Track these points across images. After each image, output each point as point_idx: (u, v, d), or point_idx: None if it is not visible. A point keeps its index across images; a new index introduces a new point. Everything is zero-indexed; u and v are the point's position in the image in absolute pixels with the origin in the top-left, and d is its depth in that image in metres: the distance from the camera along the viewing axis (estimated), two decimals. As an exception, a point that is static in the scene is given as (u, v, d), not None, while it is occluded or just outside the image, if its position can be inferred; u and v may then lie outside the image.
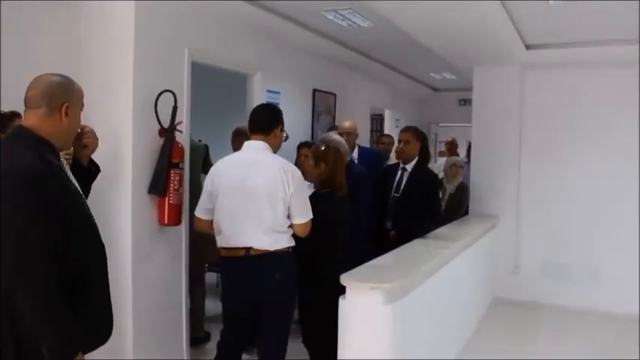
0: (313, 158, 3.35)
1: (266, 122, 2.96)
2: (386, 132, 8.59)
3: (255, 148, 2.92)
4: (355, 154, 4.60)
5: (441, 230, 4.55)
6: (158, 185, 3.57)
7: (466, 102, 9.09)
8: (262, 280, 2.81)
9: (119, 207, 3.51)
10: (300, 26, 4.94)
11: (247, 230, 2.80)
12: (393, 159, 5.56)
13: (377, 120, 9.26)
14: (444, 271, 3.60)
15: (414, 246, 3.71)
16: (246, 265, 2.82)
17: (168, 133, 3.60)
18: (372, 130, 8.56)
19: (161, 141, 3.56)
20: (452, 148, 7.79)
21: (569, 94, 5.61)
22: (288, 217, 2.86)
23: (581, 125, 5.54)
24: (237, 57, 4.47)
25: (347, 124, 4.83)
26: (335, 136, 3.96)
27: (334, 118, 6.22)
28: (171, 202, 3.55)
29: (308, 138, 5.42)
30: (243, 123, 3.86)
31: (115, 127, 3.50)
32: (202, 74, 5.95)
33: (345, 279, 2.71)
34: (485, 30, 4.46)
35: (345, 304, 2.72)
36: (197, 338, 4.28)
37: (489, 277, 5.54)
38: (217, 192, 2.87)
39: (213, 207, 2.89)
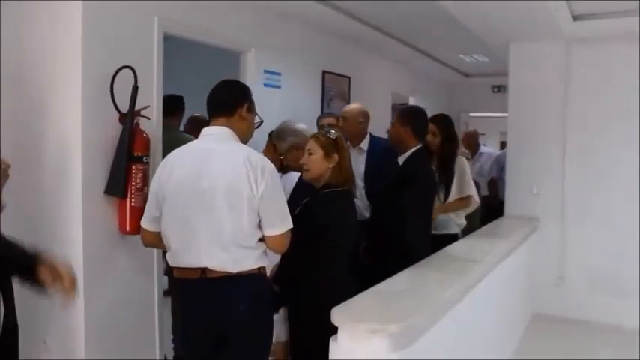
0: (322, 149, 2.59)
1: (227, 101, 2.24)
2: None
3: (213, 135, 2.20)
4: (365, 145, 3.81)
5: (472, 237, 3.80)
6: (116, 184, 2.90)
7: (500, 88, 8.34)
8: (222, 311, 2.12)
9: (67, 212, 2.86)
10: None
11: (201, 245, 2.09)
12: None
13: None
14: (474, 293, 2.83)
15: (435, 260, 2.95)
16: (201, 291, 2.12)
17: (127, 119, 2.91)
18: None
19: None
20: (466, 140, 6.68)
21: (623, 74, 4.71)
22: (260, 226, 2.15)
23: (637, 111, 4.66)
24: (224, 30, 3.74)
25: (349, 106, 4.02)
26: (298, 125, 3.30)
27: (349, 102, 5.46)
28: (133, 204, 2.88)
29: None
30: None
31: (62, 112, 2.86)
32: (191, 51, 5.27)
33: (336, 316, 1.97)
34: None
35: (336, 351, 1.98)
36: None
37: (528, 290, 4.74)
38: (164, 194, 2.16)
39: (161, 214, 2.19)
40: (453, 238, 3.59)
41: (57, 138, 2.89)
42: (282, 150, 3.24)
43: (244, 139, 2.27)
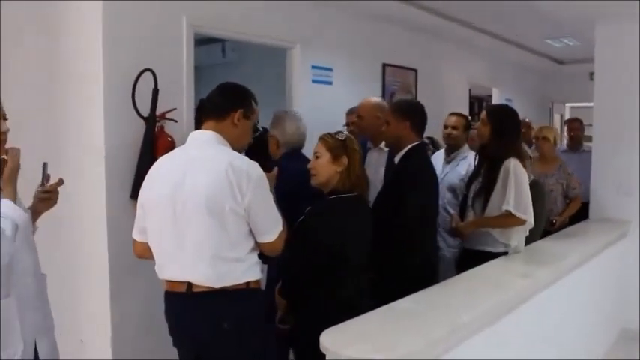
0: (329, 151, 2.37)
1: (220, 105, 2.07)
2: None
3: (199, 139, 2.05)
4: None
5: (540, 243, 3.37)
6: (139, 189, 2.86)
7: (599, 75, 7.51)
8: (206, 329, 1.97)
9: (92, 216, 2.86)
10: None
11: (184, 258, 1.95)
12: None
13: (482, 102, 7.88)
14: (523, 310, 2.48)
15: (479, 272, 2.61)
16: (187, 307, 1.99)
17: (148, 122, 2.85)
18: (472, 113, 7.21)
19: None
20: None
21: None
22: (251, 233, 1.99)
23: None
24: (263, 26, 3.59)
25: (363, 101, 3.49)
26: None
27: (415, 97, 5.16)
28: (158, 209, 2.81)
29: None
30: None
31: (85, 115, 2.87)
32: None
33: (324, 341, 1.75)
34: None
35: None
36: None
37: (615, 303, 4.18)
38: (147, 205, 2.05)
39: None
40: (494, 258, 2.90)
41: (80, 141, 2.90)
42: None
43: (237, 146, 2.09)
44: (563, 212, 4.13)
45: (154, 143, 2.85)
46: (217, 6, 3.28)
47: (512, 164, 2.88)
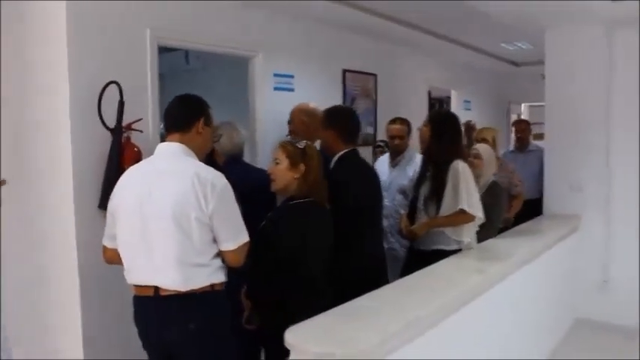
0: (288, 158, 2.48)
1: (183, 116, 2.20)
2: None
3: (165, 152, 2.16)
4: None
5: (494, 240, 3.52)
6: (107, 198, 2.91)
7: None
8: (173, 330, 2.08)
9: (60, 226, 2.91)
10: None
11: (152, 264, 2.06)
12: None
13: (443, 103, 8.08)
14: (478, 303, 2.63)
15: (433, 270, 2.75)
16: (155, 310, 2.09)
17: (115, 133, 2.92)
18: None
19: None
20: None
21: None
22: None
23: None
24: (227, 36, 3.69)
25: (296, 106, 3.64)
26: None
27: (375, 101, 5.30)
28: (125, 218, 2.87)
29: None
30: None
31: (52, 126, 2.92)
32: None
33: (288, 337, 1.86)
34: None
35: (288, 374, 1.87)
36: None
37: (569, 294, 4.40)
38: (117, 214, 2.15)
39: None
40: (448, 256, 3.02)
41: (48, 153, 2.94)
42: None
43: (202, 152, 2.24)
44: (510, 210, 4.30)
45: (121, 154, 2.92)
46: (180, 17, 3.36)
47: (460, 166, 3.06)
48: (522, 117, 8.97)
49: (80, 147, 2.86)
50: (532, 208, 4.60)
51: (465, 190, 3.00)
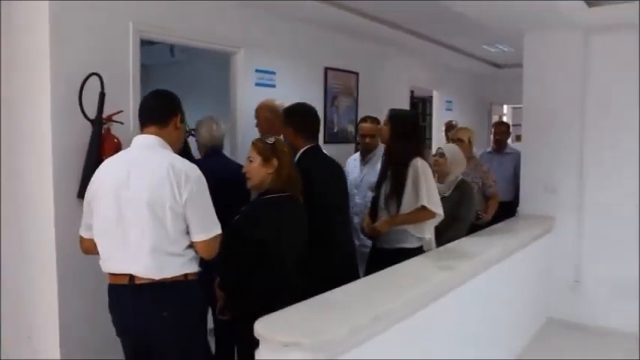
0: (260, 155, 2.54)
1: (161, 110, 2.25)
2: (435, 117, 7.58)
3: (143, 144, 2.20)
4: None
5: (466, 239, 3.58)
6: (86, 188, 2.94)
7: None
8: (147, 318, 2.13)
9: (40, 215, 2.93)
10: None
11: (127, 253, 2.11)
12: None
13: (426, 103, 8.16)
14: (447, 299, 2.70)
15: (403, 267, 2.81)
16: (129, 298, 2.14)
17: (95, 125, 2.94)
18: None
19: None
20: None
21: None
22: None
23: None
24: (210, 31, 3.71)
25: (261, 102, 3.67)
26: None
27: (357, 99, 5.36)
28: (104, 208, 2.90)
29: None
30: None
31: (33, 117, 2.93)
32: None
33: (257, 328, 1.91)
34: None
35: (258, 363, 1.92)
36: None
37: (541, 294, 4.50)
38: (93, 204, 2.19)
39: None
40: (412, 253, 3.06)
41: (28, 143, 2.96)
42: None
43: (176, 146, 2.29)
44: (488, 211, 4.39)
45: (101, 145, 2.93)
46: (163, 11, 3.37)
47: (420, 164, 3.09)
48: (505, 119, 9.11)
49: (60, 137, 2.88)
50: (505, 211, 4.67)
51: (425, 187, 3.04)
